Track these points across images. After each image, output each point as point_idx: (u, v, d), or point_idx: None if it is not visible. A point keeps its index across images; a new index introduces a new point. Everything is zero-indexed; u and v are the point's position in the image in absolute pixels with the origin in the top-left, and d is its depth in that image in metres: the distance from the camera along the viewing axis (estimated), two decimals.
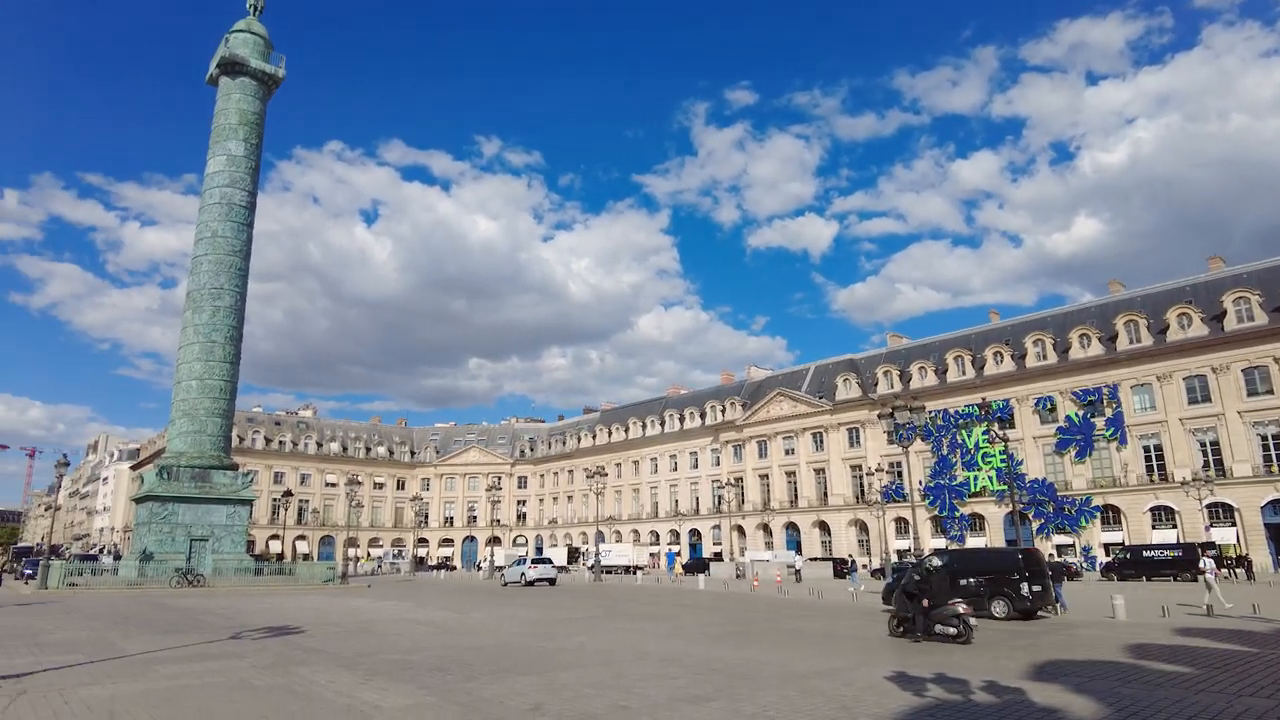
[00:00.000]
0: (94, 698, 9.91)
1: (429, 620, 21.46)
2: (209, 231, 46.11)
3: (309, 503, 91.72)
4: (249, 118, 48.33)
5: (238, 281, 46.21)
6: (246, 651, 14.49)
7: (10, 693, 10.12)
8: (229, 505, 43.25)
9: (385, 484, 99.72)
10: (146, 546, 40.40)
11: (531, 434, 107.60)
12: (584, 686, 10.98)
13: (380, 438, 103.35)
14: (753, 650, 15.19)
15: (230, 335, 45.41)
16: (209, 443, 44.06)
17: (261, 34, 50.17)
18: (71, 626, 18.93)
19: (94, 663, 12.91)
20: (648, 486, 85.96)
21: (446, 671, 12.26)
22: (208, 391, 44.24)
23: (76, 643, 15.67)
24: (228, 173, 46.96)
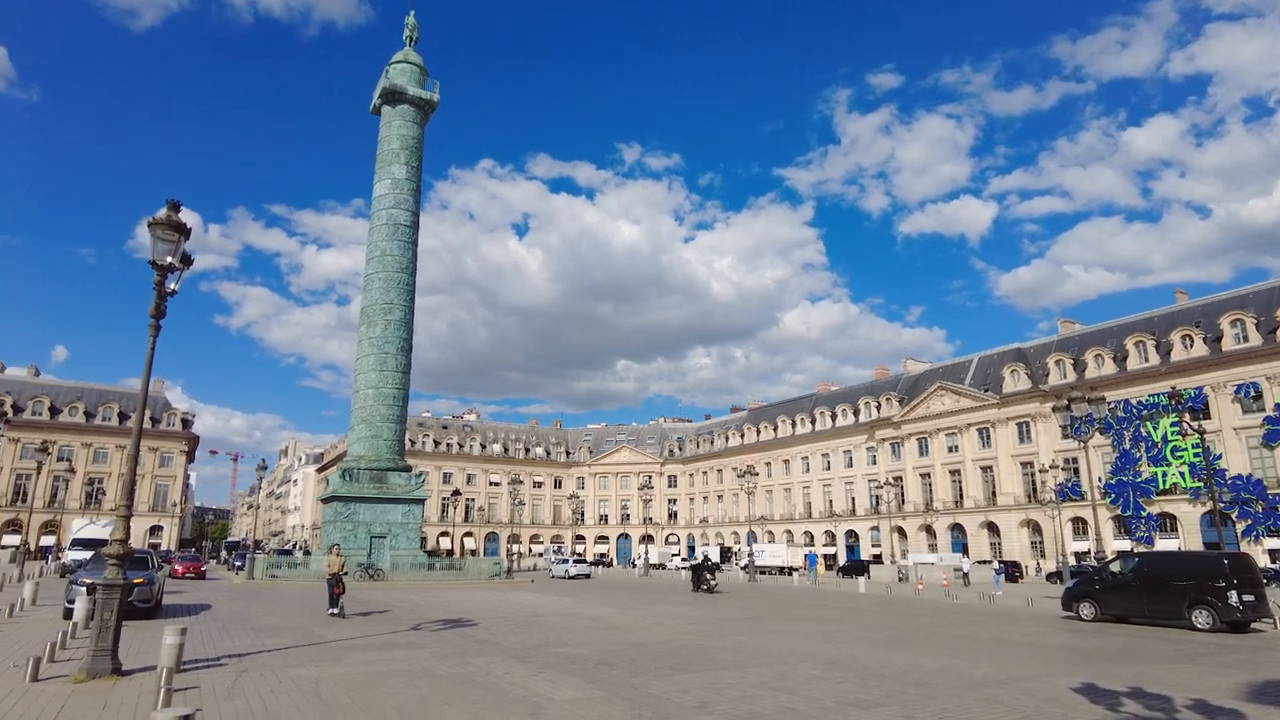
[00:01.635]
0: (302, 678, 10.92)
1: (592, 616, 22.08)
2: (378, 251, 49.62)
3: (474, 501, 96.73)
4: (409, 142, 51.60)
5: (406, 296, 49.44)
6: (426, 642, 15.48)
7: (235, 670, 11.35)
8: (404, 504, 46.31)
9: (543, 483, 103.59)
10: (333, 542, 43.94)
11: (679, 434, 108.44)
12: (748, 686, 10.94)
13: (537, 439, 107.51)
14: (922, 655, 14.59)
15: (401, 346, 48.64)
16: (385, 446, 47.38)
17: (417, 63, 53.44)
18: (277, 613, 20.93)
19: (298, 647, 14.21)
20: (799, 486, 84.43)
21: (613, 666, 12.58)
22: (382, 399, 47.61)
23: (282, 628, 17.32)
24: (392, 195, 50.35)
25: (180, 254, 11.19)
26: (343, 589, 20.39)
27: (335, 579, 20.48)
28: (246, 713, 8.67)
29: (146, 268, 11.04)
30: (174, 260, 11.12)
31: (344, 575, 20.47)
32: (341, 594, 20.26)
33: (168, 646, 10.04)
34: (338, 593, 20.17)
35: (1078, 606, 23.21)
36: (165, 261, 11.03)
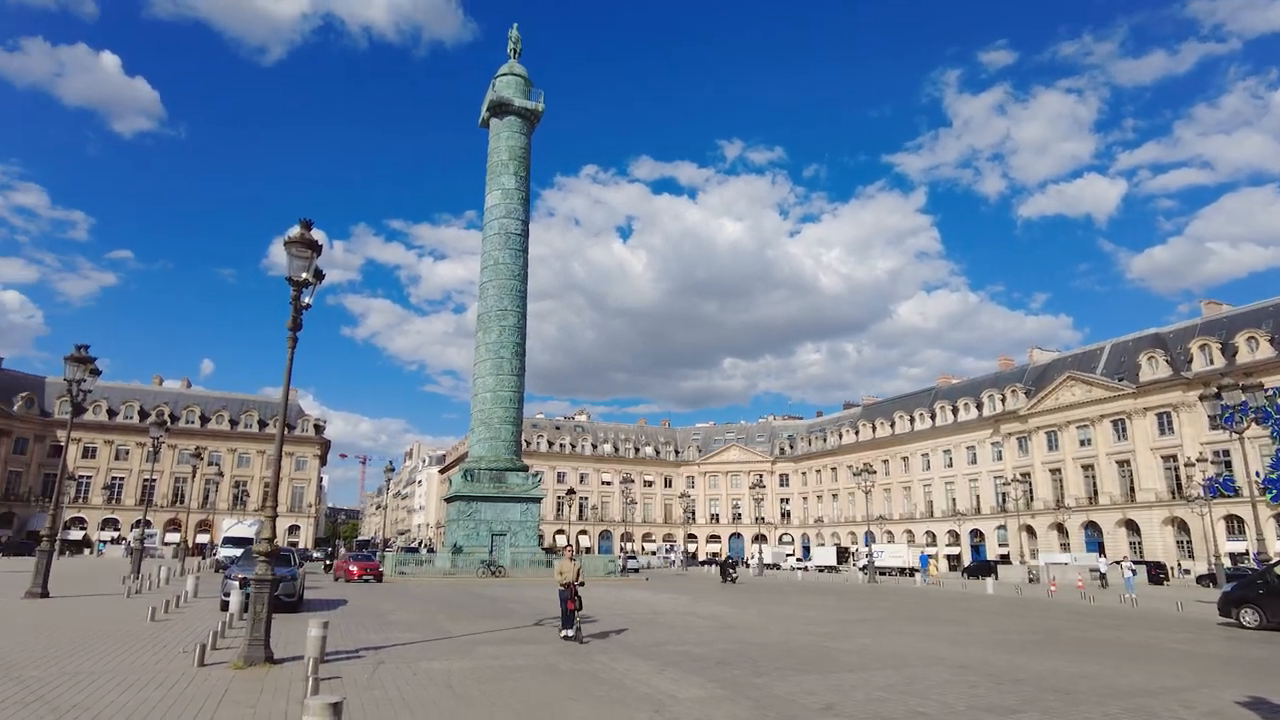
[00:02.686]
0: (434, 671, 11.41)
1: (709, 615, 22.06)
2: (491, 260, 51.26)
3: (588, 500, 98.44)
4: (517, 152, 53.05)
5: (519, 303, 50.88)
6: (549, 638, 15.85)
7: (373, 662, 11.98)
8: (522, 503, 47.68)
9: (654, 482, 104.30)
10: (456, 540, 45.76)
11: (790, 431, 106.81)
12: (874, 689, 10.66)
13: (647, 438, 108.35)
14: (1060, 661, 13.82)
15: (515, 351, 50.11)
16: (503, 447, 48.91)
17: (522, 74, 54.87)
18: (407, 609, 21.93)
19: (428, 641, 14.85)
20: (919, 484, 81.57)
21: (734, 666, 12.52)
22: (499, 402, 49.17)
23: (413, 623, 18.13)
24: (503, 205, 51.90)
25: (313, 270, 11.90)
26: (578, 604, 15.12)
27: (569, 590, 15.25)
28: (385, 702, 9.13)
29: (280, 284, 11.83)
30: (308, 276, 11.84)
31: (579, 585, 15.35)
32: (577, 610, 15.10)
33: (312, 638, 10.68)
34: (572, 608, 15.11)
35: (1238, 612, 21.37)
36: (300, 277, 11.76)
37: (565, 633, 15.23)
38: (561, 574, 15.61)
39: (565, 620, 15.31)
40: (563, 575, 15.55)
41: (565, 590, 15.33)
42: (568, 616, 15.25)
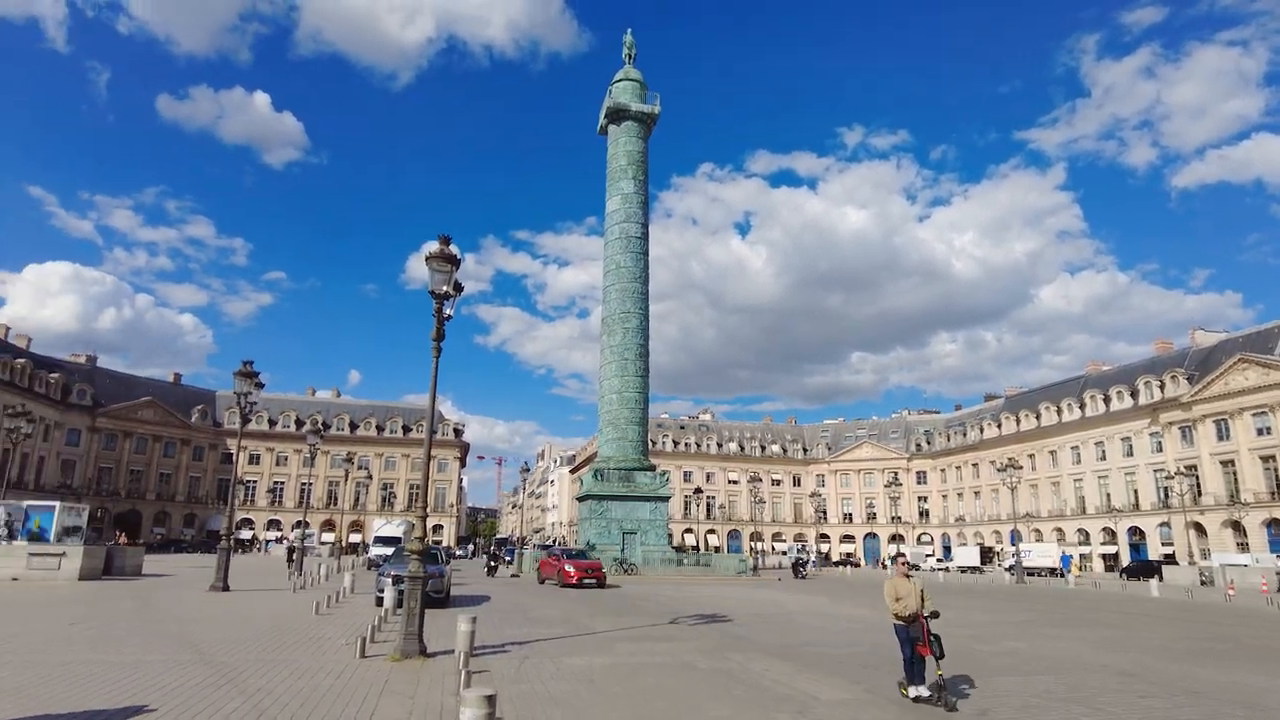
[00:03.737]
0: (576, 666, 11.72)
1: (847, 616, 21.56)
2: (613, 264, 52.15)
3: (715, 499, 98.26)
4: (635, 157, 53.72)
5: (640, 304, 51.52)
6: (685, 636, 15.96)
7: (518, 656, 12.45)
8: (651, 502, 48.24)
9: (782, 481, 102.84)
10: (589, 538, 46.80)
11: (926, 426, 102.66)
12: (1031, 695, 10.11)
13: (773, 436, 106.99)
14: (1244, 672, 12.63)
15: (639, 352, 50.76)
16: (630, 447, 49.65)
17: (637, 79, 55.51)
18: (547, 605, 22.62)
19: (570, 637, 15.27)
20: (1069, 479, 76.51)
21: (877, 668, 12.20)
22: (625, 403, 49.95)
23: (554, 619, 18.69)
24: (623, 210, 52.69)
25: (453, 282, 12.49)
26: (936, 647, 9.65)
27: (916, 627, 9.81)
28: (532, 696, 9.47)
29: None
30: (448, 288, 12.45)
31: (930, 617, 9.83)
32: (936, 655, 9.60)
33: (462, 633, 11.21)
34: (926, 654, 9.71)
35: None
36: (441, 290, 12.38)
37: (915, 692, 9.51)
38: (898, 599, 9.79)
39: (912, 671, 9.65)
40: (901, 601, 9.75)
41: (908, 626, 9.71)
42: (916, 665, 9.64)
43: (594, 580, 30.37)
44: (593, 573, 30.63)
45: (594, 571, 30.79)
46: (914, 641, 9.75)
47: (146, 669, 10.39)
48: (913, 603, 9.81)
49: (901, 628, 9.90)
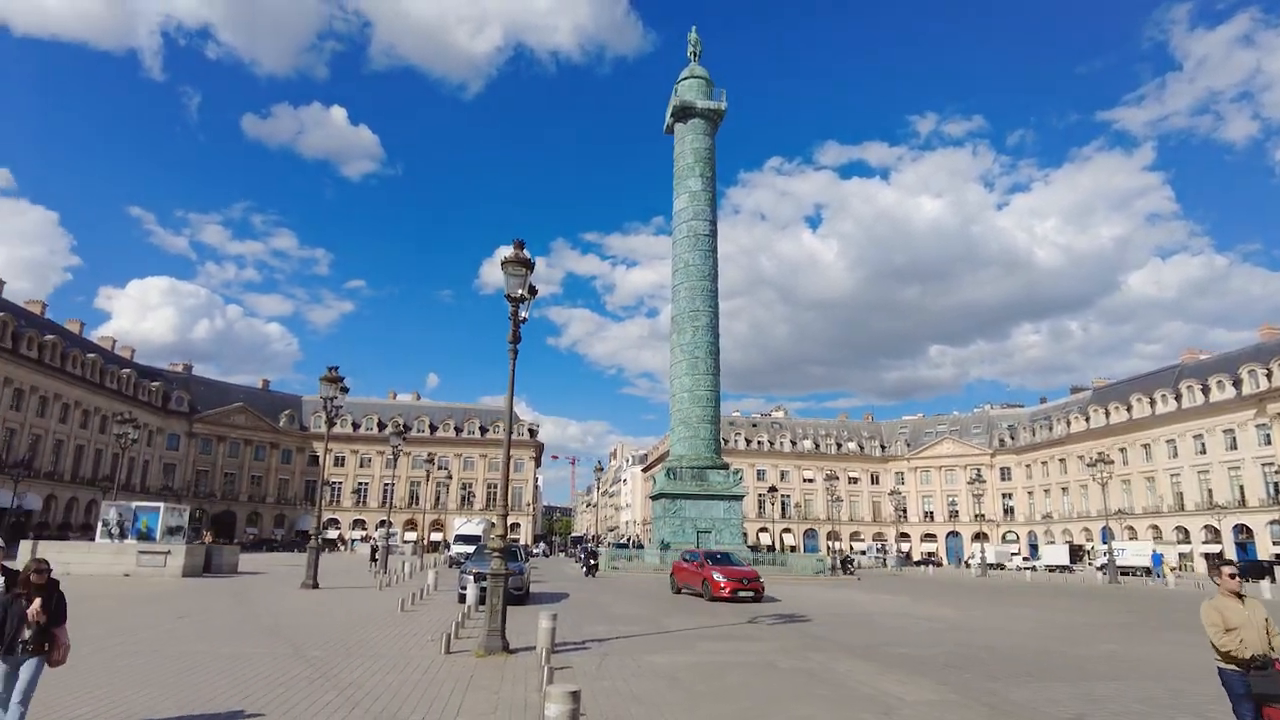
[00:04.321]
0: (658, 665, 11.77)
1: (930, 616, 21.04)
2: (682, 263, 52.08)
3: (790, 498, 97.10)
4: (702, 154, 53.52)
5: (710, 302, 51.31)
6: (764, 635, 15.84)
7: (599, 654, 12.57)
8: (724, 501, 47.99)
9: (859, 479, 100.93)
10: (664, 537, 46.87)
11: (1010, 421, 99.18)
12: (1131, 701, 9.68)
13: (849, 433, 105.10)
14: None
15: (709, 350, 50.57)
16: (702, 446, 49.51)
17: (703, 75, 55.28)
18: (625, 603, 22.77)
19: (649, 635, 15.34)
20: (1165, 474, 72.79)
21: (963, 669, 11.87)
22: (696, 401, 49.83)
23: (632, 617, 18.80)
24: (691, 208, 52.56)
25: (527, 286, 12.70)
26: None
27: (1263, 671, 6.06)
28: (614, 693, 9.55)
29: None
30: (523, 292, 12.66)
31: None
32: None
33: (543, 630, 11.39)
34: None
35: None
36: (516, 294, 12.61)
37: None
38: (1229, 629, 6.28)
39: None
40: (1235, 634, 6.24)
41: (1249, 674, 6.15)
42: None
43: (751, 593, 23.57)
44: (749, 583, 23.78)
45: (750, 582, 23.85)
46: (1264, 700, 5.98)
47: (249, 661, 10.91)
48: (1257, 637, 6.16)
49: (1236, 676, 6.19)
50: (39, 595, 6.11)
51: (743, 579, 23.84)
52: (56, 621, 6.23)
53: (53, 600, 6.21)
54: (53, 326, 66.50)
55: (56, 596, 6.27)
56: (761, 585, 24.35)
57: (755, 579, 24.23)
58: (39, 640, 6.10)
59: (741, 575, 24.17)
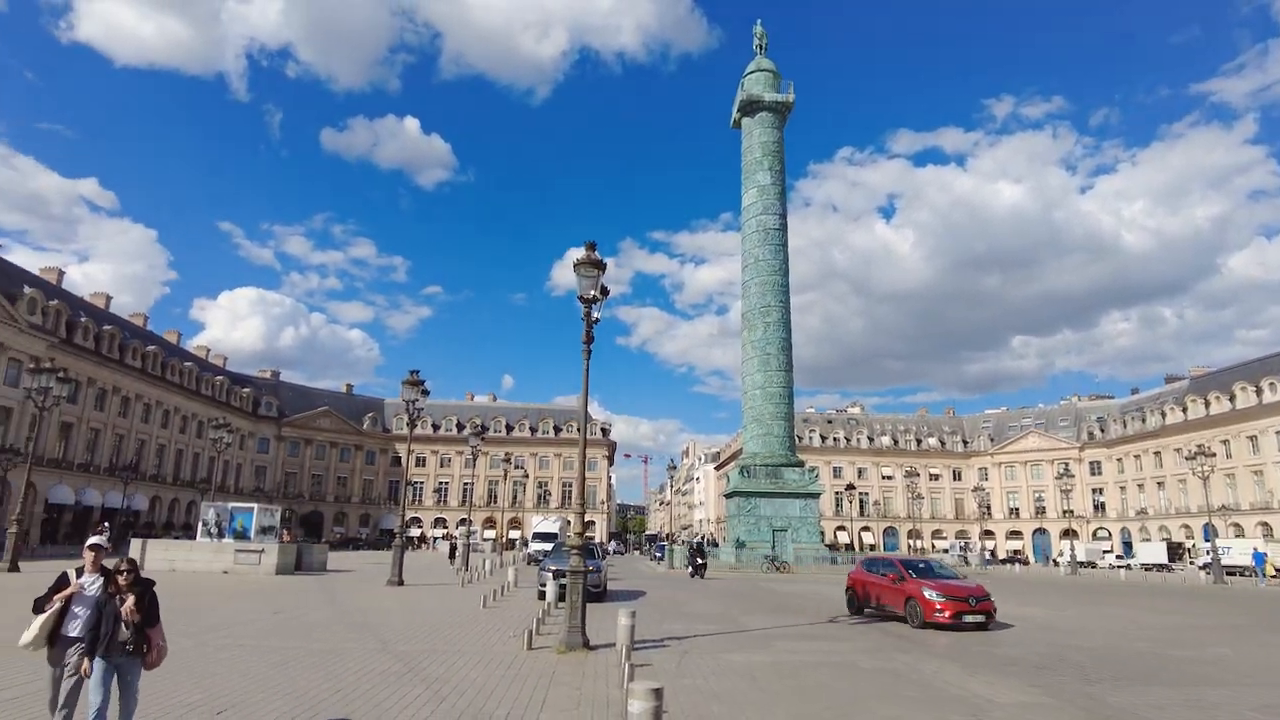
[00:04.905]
0: (735, 663, 11.70)
1: (1020, 616, 20.30)
2: (752, 258, 51.65)
3: (868, 495, 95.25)
4: (770, 148, 52.97)
5: (781, 297, 50.74)
6: (845, 635, 15.57)
7: (678, 652, 12.58)
8: (800, 499, 47.40)
9: (940, 475, 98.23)
10: (739, 536, 46.61)
11: (1099, 413, 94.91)
12: (1246, 709, 9.13)
13: (929, 429, 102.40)
14: None
15: (781, 346, 50.01)
16: (776, 443, 49.01)
17: (770, 68, 54.71)
18: (702, 601, 22.71)
19: (726, 633, 15.26)
20: (1274, 466, 68.50)
21: (1056, 672, 11.42)
22: (769, 398, 49.36)
23: (710, 615, 18.75)
24: (760, 202, 52.09)
25: (599, 286, 12.79)
26: None
27: None
28: (694, 691, 9.54)
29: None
30: (595, 293, 12.76)
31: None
32: None
33: (622, 627, 11.45)
34: None
35: None
36: (589, 295, 12.72)
37: None
38: None
39: None
40: None
41: None
42: None
43: (981, 616, 16.89)
44: (977, 604, 16.97)
45: (979, 602, 17.06)
46: None
47: (340, 656, 11.31)
48: None
49: None
50: (130, 595, 5.97)
51: (968, 598, 17.07)
52: (150, 622, 6.08)
53: (145, 600, 6.05)
54: (153, 338, 70.38)
55: (149, 597, 6.12)
56: (993, 606, 17.36)
57: (984, 597, 17.31)
58: (136, 641, 5.97)
59: (965, 593, 17.29)
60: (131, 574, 6.02)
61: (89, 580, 6.21)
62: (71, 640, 6.04)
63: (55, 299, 55.14)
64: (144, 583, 6.12)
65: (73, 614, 6.08)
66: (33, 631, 6.01)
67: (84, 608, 6.06)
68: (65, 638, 6.05)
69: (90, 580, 6.21)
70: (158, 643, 6.16)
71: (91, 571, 6.24)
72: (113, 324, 62.41)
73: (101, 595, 6.04)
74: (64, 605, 6.09)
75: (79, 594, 6.13)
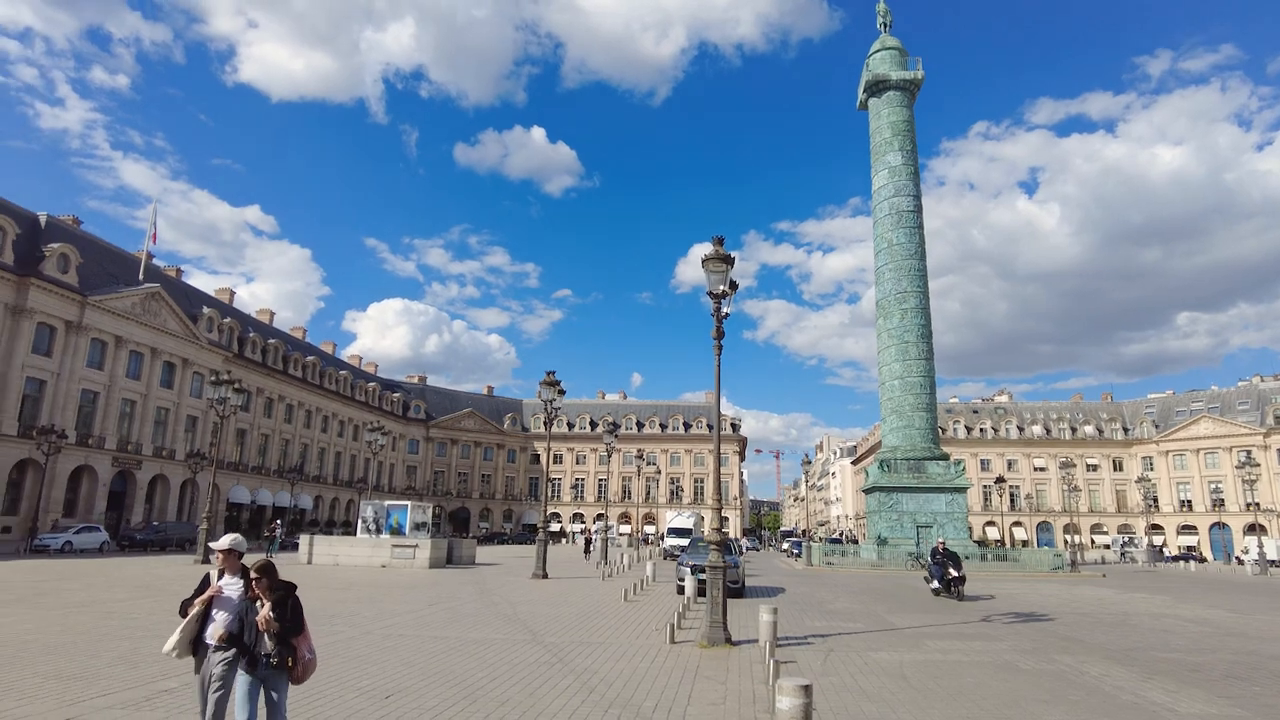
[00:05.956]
0: (884, 662, 11.37)
1: (1199, 618, 18.64)
2: (885, 243, 49.86)
3: (1019, 488, 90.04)
4: (900, 128, 50.92)
5: (918, 283, 48.70)
6: (1000, 634, 14.79)
7: (823, 649, 12.36)
8: (945, 493, 45.34)
9: (1099, 465, 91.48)
10: (880, 532, 45.14)
11: None
12: None
13: (1085, 416, 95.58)
14: None
15: (920, 334, 48.00)
16: (918, 435, 47.10)
17: (895, 46, 52.58)
18: (843, 599, 22.18)
19: (871, 632, 14.85)
20: None
21: (1249, 681, 10.41)
22: (909, 389, 47.49)
23: (853, 613, 18.29)
24: (891, 184, 50.19)
25: (729, 281, 12.74)
26: None
27: None
28: (843, 689, 9.34)
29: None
30: (724, 288, 12.72)
31: None
32: None
33: (765, 623, 11.36)
34: None
35: None
36: (718, 290, 12.69)
37: None
38: None
39: None
40: None
41: None
42: None
43: None
44: None
45: None
46: None
47: (492, 646, 11.84)
48: None
49: None
50: (269, 600, 5.36)
51: None
52: (293, 631, 5.42)
53: (286, 607, 5.41)
54: (312, 349, 76.07)
55: (291, 603, 5.46)
56: None
57: None
58: (280, 654, 5.35)
59: None
60: (267, 578, 5.40)
61: (229, 582, 5.72)
62: (210, 648, 5.53)
63: (228, 317, 60.64)
64: (284, 587, 5.48)
65: (212, 619, 5.59)
66: (175, 638, 5.57)
67: (225, 612, 5.56)
68: (206, 644, 5.54)
69: (230, 582, 5.71)
70: (303, 655, 5.50)
71: (232, 573, 5.76)
72: (277, 338, 67.95)
73: (244, 601, 5.53)
74: (205, 609, 5.60)
75: (219, 597, 5.63)
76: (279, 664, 5.35)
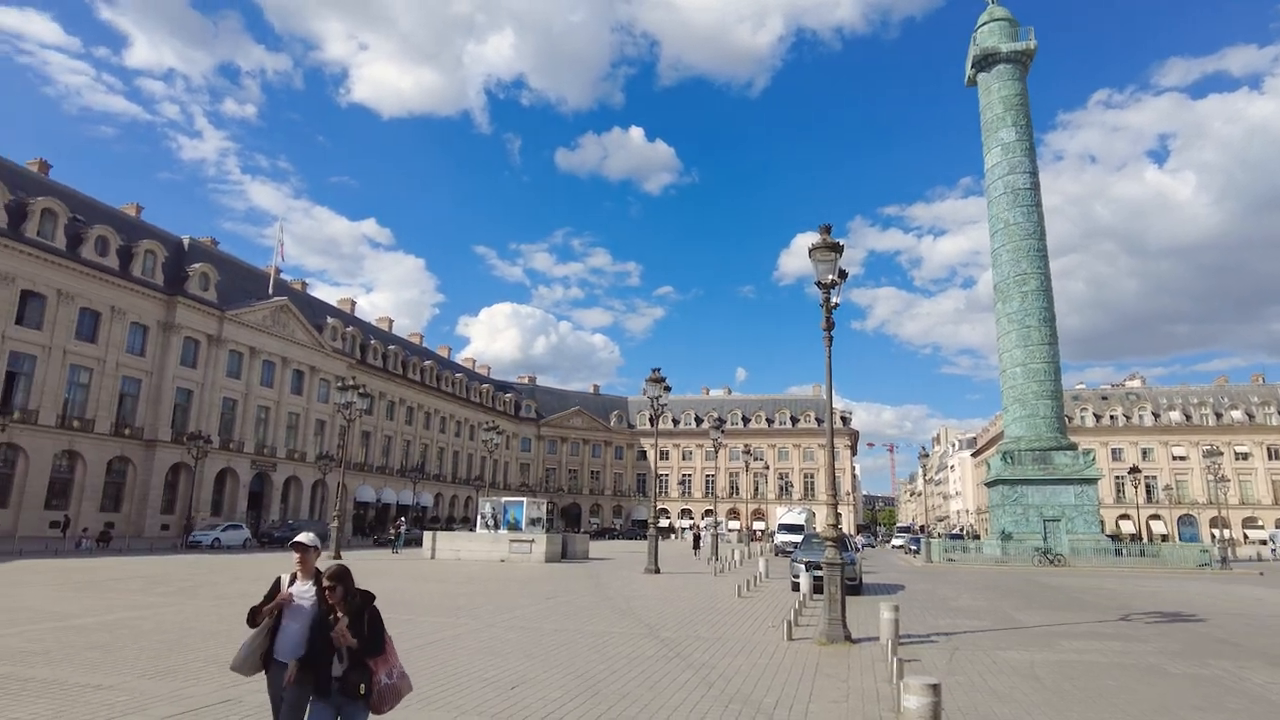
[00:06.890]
0: (1014, 660, 10.87)
1: None
2: (1001, 223, 47.55)
3: (1156, 479, 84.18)
4: (1012, 102, 48.43)
5: (1038, 263, 46.23)
6: (1143, 635, 13.88)
7: (947, 648, 11.93)
8: (1074, 485, 42.90)
9: (1250, 453, 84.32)
10: (1004, 527, 43.13)
11: None
12: None
13: (1231, 400, 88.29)
14: None
15: (1042, 317, 45.54)
16: (1042, 425, 44.72)
17: (1004, 16, 50.01)
18: (966, 596, 21.33)
19: (998, 630, 14.21)
20: None
21: None
22: (1031, 376, 45.15)
23: (978, 610, 17.56)
24: (1005, 162, 47.81)
25: (837, 270, 12.46)
26: None
27: None
28: (971, 688, 8.99)
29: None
30: (833, 277, 12.45)
31: None
32: None
33: (886, 620, 11.07)
34: None
35: None
36: (827, 280, 12.43)
37: None
38: None
39: None
40: None
41: None
42: None
43: None
44: None
45: None
46: None
47: (610, 639, 12.02)
48: None
49: None
50: (344, 612, 4.52)
51: None
52: (371, 650, 4.50)
53: (364, 621, 4.54)
54: (429, 354, 79.37)
55: (369, 615, 4.58)
56: None
57: None
58: (353, 677, 4.43)
59: None
60: (342, 586, 4.58)
61: (301, 589, 4.88)
62: (279, 665, 4.75)
63: (350, 326, 64.07)
64: (361, 596, 4.64)
65: (283, 630, 4.78)
66: (242, 653, 4.83)
67: (296, 623, 4.75)
68: (276, 661, 4.77)
69: (303, 589, 4.87)
70: (380, 680, 4.50)
71: (305, 578, 4.91)
72: (396, 344, 71.28)
73: (319, 611, 4.70)
74: (275, 620, 4.80)
75: (289, 605, 4.80)
76: (350, 691, 4.42)
